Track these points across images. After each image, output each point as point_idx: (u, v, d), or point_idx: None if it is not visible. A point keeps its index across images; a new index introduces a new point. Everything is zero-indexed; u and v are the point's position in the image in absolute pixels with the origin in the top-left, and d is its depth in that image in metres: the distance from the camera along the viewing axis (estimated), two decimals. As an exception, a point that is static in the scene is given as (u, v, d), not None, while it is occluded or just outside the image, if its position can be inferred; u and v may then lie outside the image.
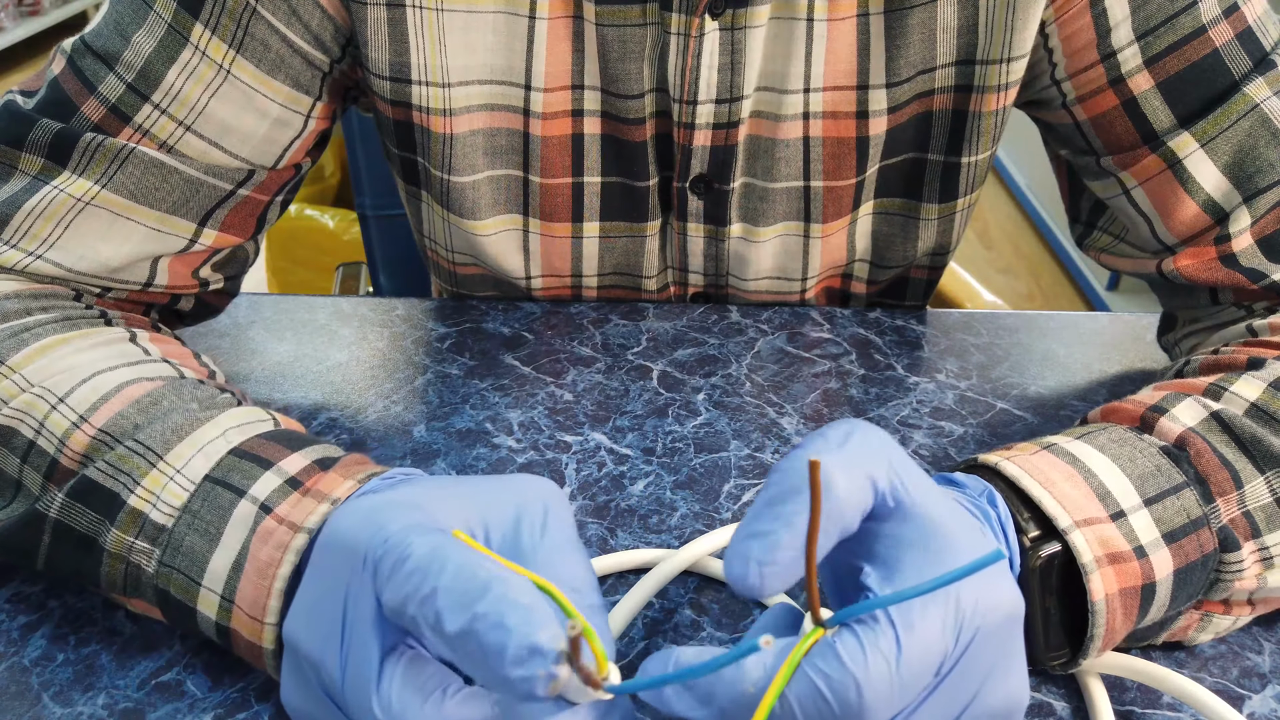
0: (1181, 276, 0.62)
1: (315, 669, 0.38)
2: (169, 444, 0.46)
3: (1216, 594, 0.46)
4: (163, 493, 0.44)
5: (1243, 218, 0.59)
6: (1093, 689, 0.47)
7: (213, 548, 0.43)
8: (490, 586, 0.33)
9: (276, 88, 0.60)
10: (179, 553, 0.43)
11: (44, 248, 0.57)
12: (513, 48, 0.63)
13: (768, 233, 0.70)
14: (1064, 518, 0.43)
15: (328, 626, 0.37)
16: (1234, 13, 0.59)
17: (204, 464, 0.45)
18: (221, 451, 0.46)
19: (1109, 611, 0.42)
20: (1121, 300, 2.40)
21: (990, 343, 0.72)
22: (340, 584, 0.37)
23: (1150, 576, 0.43)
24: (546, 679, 0.31)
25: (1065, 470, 0.45)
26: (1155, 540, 0.44)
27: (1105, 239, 0.68)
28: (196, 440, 0.46)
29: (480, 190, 0.68)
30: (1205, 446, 0.47)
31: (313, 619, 0.38)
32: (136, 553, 0.44)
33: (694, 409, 0.64)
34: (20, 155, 0.57)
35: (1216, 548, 0.45)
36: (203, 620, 0.44)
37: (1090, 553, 0.42)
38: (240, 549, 0.43)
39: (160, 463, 0.45)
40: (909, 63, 0.64)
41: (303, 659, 0.39)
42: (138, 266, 0.60)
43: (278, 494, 0.44)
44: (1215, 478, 0.46)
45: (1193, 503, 0.45)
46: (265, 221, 0.66)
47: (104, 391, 0.48)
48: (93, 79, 0.58)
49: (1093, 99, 0.63)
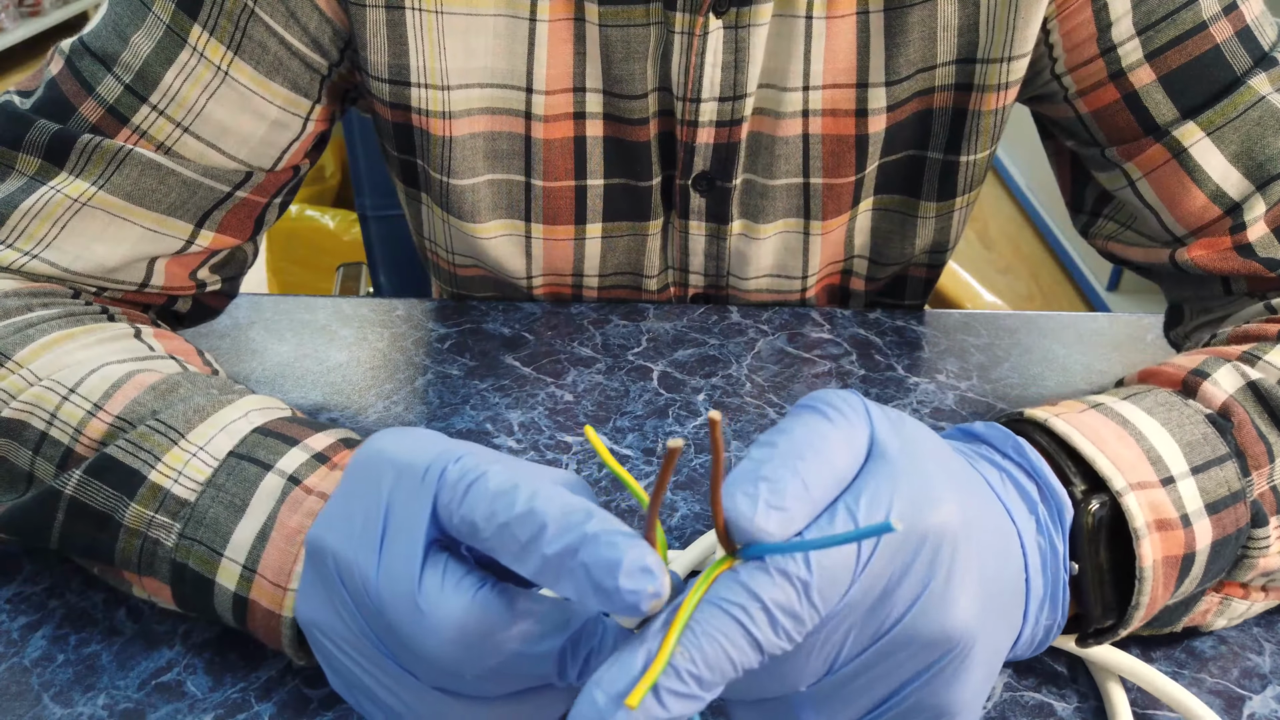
0: (1196, 267, 0.61)
1: (344, 570, 0.37)
2: (191, 423, 0.46)
3: (1241, 573, 0.46)
4: (185, 469, 0.45)
5: (1257, 206, 0.59)
6: (1113, 693, 0.46)
7: (237, 519, 0.43)
8: (593, 513, 0.33)
9: (275, 90, 0.60)
10: (202, 525, 0.43)
11: (40, 248, 0.57)
12: (513, 51, 0.63)
13: (768, 230, 0.70)
14: (1118, 479, 0.42)
15: (363, 530, 0.37)
16: (1233, 11, 0.59)
17: (228, 441, 0.45)
18: (245, 430, 0.46)
19: (1154, 579, 0.42)
20: (1122, 301, 2.40)
21: (990, 343, 0.72)
22: (379, 495, 0.37)
23: (1191, 546, 0.43)
24: (652, 595, 0.31)
25: (1116, 430, 0.44)
26: (1199, 510, 0.43)
27: (1111, 226, 0.68)
28: (219, 420, 0.46)
29: (480, 193, 0.68)
30: (1246, 417, 0.46)
31: (347, 524, 0.38)
32: (156, 527, 0.44)
33: (694, 409, 0.64)
34: (18, 156, 0.57)
35: (1249, 522, 0.45)
36: (219, 594, 0.43)
37: (1142, 517, 0.42)
38: (267, 519, 0.43)
39: (183, 440, 0.45)
40: (909, 61, 0.64)
41: (329, 561, 0.38)
42: (134, 267, 0.60)
43: (306, 467, 0.44)
44: (1252, 450, 0.46)
45: (1234, 475, 0.44)
46: (263, 223, 0.66)
47: (115, 379, 0.48)
48: (91, 80, 0.58)
49: (1094, 93, 0.63)
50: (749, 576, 0.32)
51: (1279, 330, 0.54)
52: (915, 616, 0.34)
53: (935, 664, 0.35)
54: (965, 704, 0.36)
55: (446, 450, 0.37)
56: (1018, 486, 0.42)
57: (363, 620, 0.37)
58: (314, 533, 0.39)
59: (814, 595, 0.32)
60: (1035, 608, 0.40)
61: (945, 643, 0.34)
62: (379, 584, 0.36)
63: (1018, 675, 0.48)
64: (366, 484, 0.38)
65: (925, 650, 0.35)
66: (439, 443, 0.38)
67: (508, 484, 0.35)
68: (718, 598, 0.32)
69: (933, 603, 0.34)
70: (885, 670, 0.35)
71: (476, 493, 0.35)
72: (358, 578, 0.37)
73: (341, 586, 0.37)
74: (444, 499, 0.36)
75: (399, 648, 0.36)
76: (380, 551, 0.36)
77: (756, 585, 0.32)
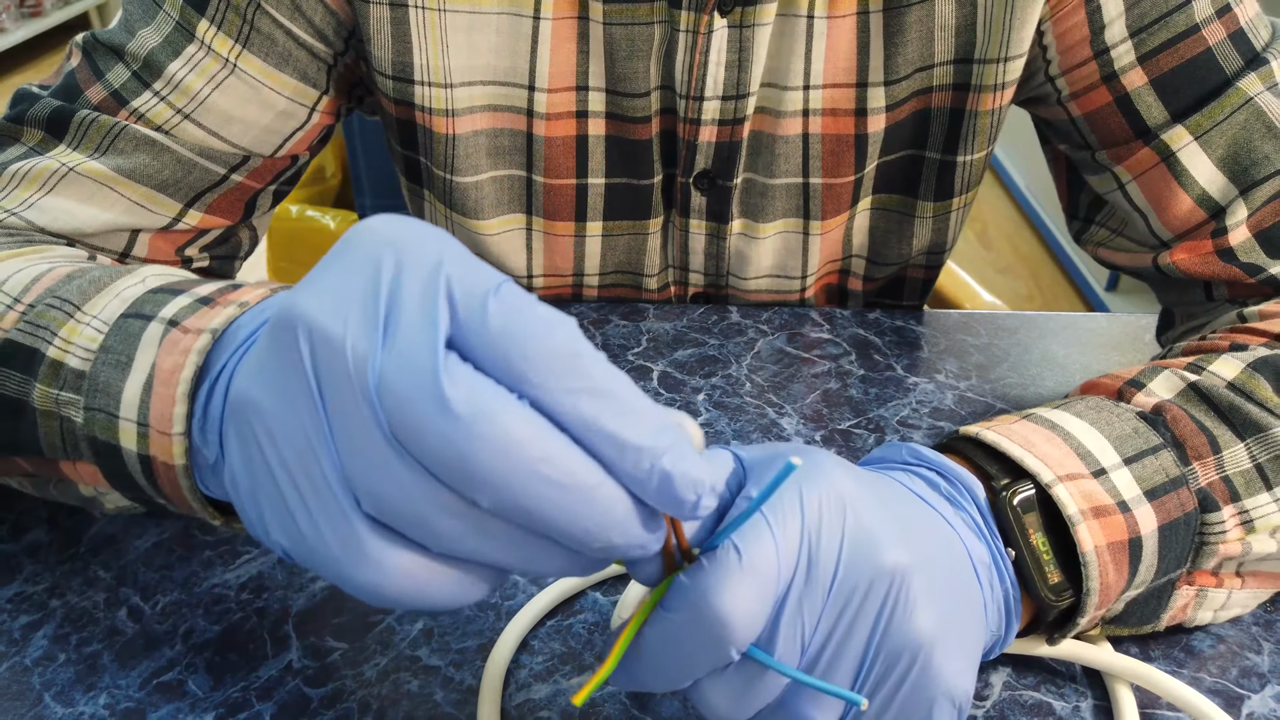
0: (1178, 270, 0.62)
1: (322, 346, 0.30)
2: (86, 295, 0.43)
3: (1204, 560, 0.46)
4: (79, 339, 0.41)
5: (1239, 211, 0.59)
6: (1121, 696, 0.46)
7: (125, 375, 0.39)
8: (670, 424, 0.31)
9: (284, 81, 0.62)
10: (98, 391, 0.40)
11: (22, 207, 0.57)
12: (516, 49, 0.63)
13: (768, 229, 0.71)
14: (1046, 473, 0.43)
15: (360, 307, 0.30)
16: (1226, 13, 0.59)
17: (120, 306, 0.42)
18: (138, 294, 0.42)
19: (1100, 564, 0.43)
20: (1120, 301, 2.40)
21: (989, 343, 0.72)
22: (375, 276, 0.30)
23: (1136, 530, 0.43)
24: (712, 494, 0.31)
25: (1045, 434, 0.45)
26: (1137, 496, 0.44)
27: (1102, 233, 0.68)
28: (115, 289, 0.43)
29: (483, 190, 0.68)
30: (1181, 413, 0.47)
31: (331, 295, 0.30)
32: (64, 405, 0.41)
33: (694, 409, 0.65)
34: (23, 130, 0.60)
35: (1196, 507, 0.45)
36: (128, 459, 0.40)
37: (1075, 505, 0.43)
38: (150, 368, 0.39)
39: (77, 313, 0.42)
40: (907, 60, 0.64)
41: (300, 331, 0.30)
42: (114, 236, 0.60)
43: (187, 310, 0.40)
44: (1192, 442, 0.47)
45: (1170, 463, 0.45)
46: (255, 208, 0.66)
47: (37, 274, 0.46)
48: (102, 68, 0.60)
49: (1086, 95, 0.63)
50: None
51: (1230, 343, 0.54)
52: (845, 563, 0.35)
53: (885, 601, 0.35)
54: (931, 633, 0.36)
55: (464, 252, 0.31)
56: (924, 479, 0.43)
57: (328, 415, 0.30)
58: (283, 299, 0.31)
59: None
60: (985, 574, 0.41)
61: (885, 576, 0.35)
62: (383, 369, 0.29)
63: (1017, 674, 0.48)
64: (359, 262, 0.31)
65: (872, 592, 0.35)
66: (450, 242, 0.31)
67: (568, 335, 0.29)
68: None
69: (856, 547, 0.35)
70: (846, 626, 0.35)
71: (523, 323, 0.29)
72: (348, 358, 0.29)
73: (309, 368, 0.30)
74: (467, 309, 0.29)
75: (392, 460, 0.29)
76: (384, 331, 0.29)
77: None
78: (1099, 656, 0.47)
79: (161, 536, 0.54)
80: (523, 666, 0.48)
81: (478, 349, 0.29)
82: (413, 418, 0.28)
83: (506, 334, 0.29)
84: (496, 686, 0.46)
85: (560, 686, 0.47)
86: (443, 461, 0.28)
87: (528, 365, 0.29)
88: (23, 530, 0.55)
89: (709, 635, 0.33)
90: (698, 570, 0.34)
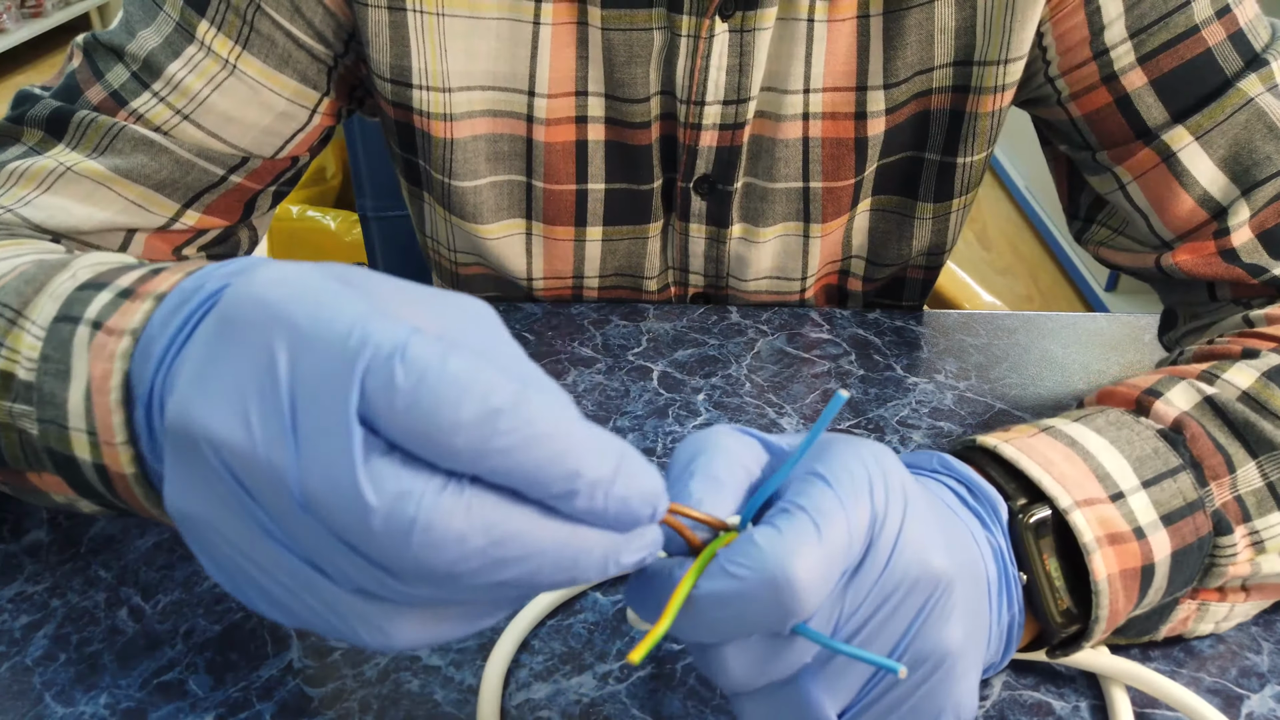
0: (1181, 271, 0.62)
1: (232, 458, 0.29)
2: (25, 298, 0.41)
3: (1212, 580, 0.46)
4: (23, 347, 0.40)
5: (1241, 211, 0.59)
6: (1116, 698, 0.46)
7: (67, 385, 0.38)
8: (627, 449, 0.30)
9: (284, 82, 0.62)
10: (45, 403, 0.38)
11: (19, 205, 0.57)
12: (516, 54, 0.63)
13: (768, 233, 0.71)
14: (1064, 497, 0.43)
15: (254, 401, 0.28)
16: (1226, 14, 0.59)
17: (53, 308, 0.40)
18: (68, 291, 0.40)
19: (1111, 592, 0.42)
20: (1120, 301, 2.40)
21: (989, 343, 0.72)
22: (262, 358, 0.28)
23: (1150, 558, 0.43)
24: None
25: (1064, 451, 0.45)
26: (1154, 522, 0.43)
27: (1104, 233, 0.68)
28: (49, 288, 0.41)
29: (483, 195, 0.68)
30: (1200, 431, 0.47)
31: (224, 397, 0.29)
32: (19, 417, 0.40)
33: (694, 409, 0.65)
34: (24, 130, 0.60)
35: (1211, 531, 0.45)
36: (85, 469, 0.38)
37: (1091, 532, 0.42)
38: (88, 376, 0.37)
39: (19, 318, 0.41)
40: (907, 64, 0.64)
41: (203, 446, 0.29)
42: (109, 235, 0.60)
43: (109, 307, 0.38)
44: (1209, 462, 0.46)
45: (1189, 486, 0.45)
46: (254, 209, 0.66)
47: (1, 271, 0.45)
48: (102, 68, 0.60)
49: (1086, 96, 0.63)
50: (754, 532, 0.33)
51: (1242, 348, 0.54)
52: (898, 557, 0.34)
53: (926, 604, 0.35)
54: (959, 646, 0.35)
55: (365, 314, 0.28)
56: (952, 490, 0.43)
57: (266, 519, 0.29)
58: (174, 409, 0.30)
59: None
60: (996, 598, 0.41)
61: (931, 580, 0.35)
62: (301, 473, 0.28)
63: (1017, 674, 0.48)
64: (248, 350, 0.29)
65: (915, 592, 0.35)
66: (347, 298, 0.29)
67: (483, 389, 0.27)
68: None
69: (911, 545, 0.34)
70: (882, 619, 0.35)
71: (433, 391, 0.27)
72: (265, 467, 0.28)
73: (228, 477, 0.29)
74: (374, 386, 0.27)
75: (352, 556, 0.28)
76: (294, 436, 0.28)
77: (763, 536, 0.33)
78: (1093, 659, 0.47)
79: (162, 536, 0.54)
80: (523, 666, 0.48)
81: (393, 429, 0.27)
82: (349, 529, 0.27)
83: (418, 407, 0.27)
84: (496, 686, 0.46)
85: (560, 686, 0.47)
86: (398, 568, 0.28)
87: (447, 438, 0.27)
88: (23, 530, 0.55)
89: (776, 600, 0.32)
90: (773, 534, 0.32)
